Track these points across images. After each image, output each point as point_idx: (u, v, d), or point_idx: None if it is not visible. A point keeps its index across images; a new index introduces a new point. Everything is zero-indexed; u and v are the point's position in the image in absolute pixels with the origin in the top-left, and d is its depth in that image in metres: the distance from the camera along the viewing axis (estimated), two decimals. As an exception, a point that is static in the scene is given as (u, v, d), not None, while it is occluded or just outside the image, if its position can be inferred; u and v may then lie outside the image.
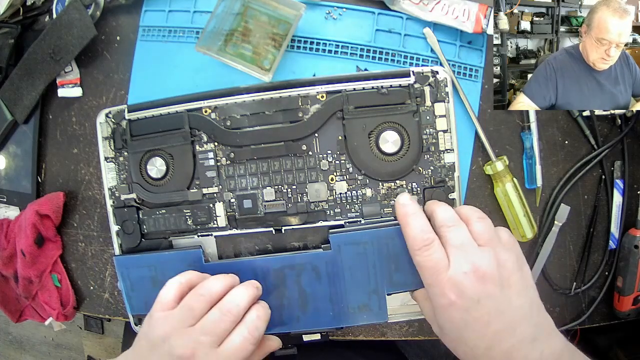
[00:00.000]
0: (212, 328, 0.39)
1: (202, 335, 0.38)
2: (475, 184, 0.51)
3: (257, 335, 0.40)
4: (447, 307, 0.38)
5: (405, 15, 0.50)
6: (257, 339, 0.40)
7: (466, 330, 0.37)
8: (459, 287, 0.37)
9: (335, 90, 0.47)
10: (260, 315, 0.41)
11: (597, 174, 0.52)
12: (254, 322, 0.40)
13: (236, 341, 0.39)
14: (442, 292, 0.38)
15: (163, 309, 0.41)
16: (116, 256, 0.50)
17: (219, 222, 0.50)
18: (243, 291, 0.42)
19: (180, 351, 0.38)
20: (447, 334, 0.39)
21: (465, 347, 0.38)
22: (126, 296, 0.50)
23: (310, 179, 0.48)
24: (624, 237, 0.52)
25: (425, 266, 0.39)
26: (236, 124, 0.48)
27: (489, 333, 0.37)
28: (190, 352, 0.38)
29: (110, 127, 0.51)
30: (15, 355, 1.59)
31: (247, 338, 0.39)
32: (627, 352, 0.75)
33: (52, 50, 0.52)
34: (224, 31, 0.50)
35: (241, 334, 0.39)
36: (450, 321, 0.38)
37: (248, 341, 0.39)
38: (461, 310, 0.37)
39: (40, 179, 0.58)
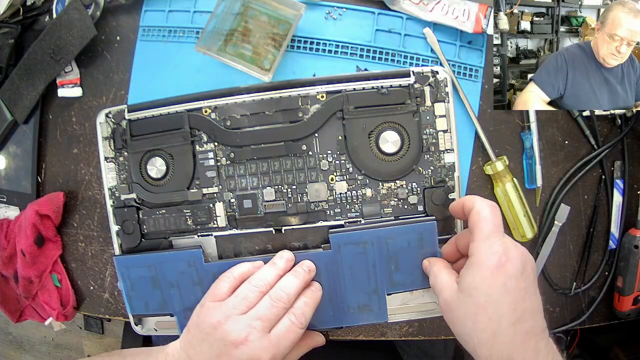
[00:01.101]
0: (264, 314, 0.41)
1: (254, 320, 0.41)
2: (475, 184, 0.51)
3: (304, 320, 0.43)
4: (495, 269, 0.36)
5: (405, 15, 0.50)
6: (303, 324, 0.43)
7: (502, 296, 0.36)
8: (510, 254, 0.37)
9: (335, 90, 0.47)
10: (308, 302, 0.44)
11: (597, 174, 0.52)
12: (301, 308, 0.43)
13: (285, 326, 0.42)
14: (495, 250, 0.37)
15: (215, 300, 0.43)
16: (116, 256, 0.50)
17: (219, 222, 0.50)
18: (292, 279, 0.44)
19: (234, 336, 0.40)
20: (476, 298, 0.37)
21: (492, 316, 0.36)
22: (126, 296, 0.50)
23: (310, 179, 0.48)
24: (624, 237, 0.52)
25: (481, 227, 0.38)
26: (236, 124, 0.48)
27: (521, 308, 0.36)
28: (244, 336, 0.40)
29: (110, 127, 0.51)
30: (15, 355, 1.59)
31: (294, 323, 0.42)
32: (627, 352, 0.75)
33: (52, 50, 0.52)
34: (224, 31, 0.50)
35: (289, 319, 0.42)
36: (490, 284, 0.36)
37: (295, 326, 0.42)
38: (506, 276, 0.36)
39: (40, 179, 0.58)
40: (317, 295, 0.45)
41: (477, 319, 0.36)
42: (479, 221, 0.38)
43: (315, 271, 0.46)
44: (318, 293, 0.46)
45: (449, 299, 0.39)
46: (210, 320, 0.41)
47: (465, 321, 0.37)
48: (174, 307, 0.49)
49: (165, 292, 0.49)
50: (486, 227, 0.38)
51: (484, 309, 0.36)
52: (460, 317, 0.38)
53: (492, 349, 0.36)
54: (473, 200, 0.40)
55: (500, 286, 0.36)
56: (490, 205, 0.39)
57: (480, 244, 0.38)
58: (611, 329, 0.57)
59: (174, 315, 0.49)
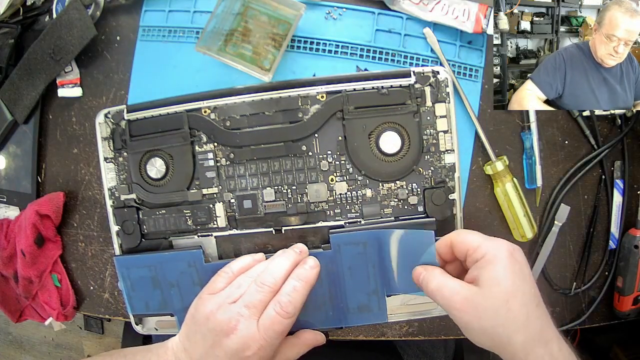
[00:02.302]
0: (250, 300, 0.40)
1: (242, 307, 0.39)
2: (475, 184, 0.51)
3: (291, 309, 0.40)
4: (510, 258, 0.38)
5: (405, 15, 0.50)
6: (290, 313, 0.40)
7: (523, 282, 0.38)
8: (510, 245, 0.39)
9: (335, 91, 0.47)
10: (298, 286, 0.41)
11: (597, 174, 0.52)
12: (289, 295, 0.40)
13: (269, 316, 0.40)
14: (500, 244, 0.39)
15: (210, 292, 0.42)
16: (116, 256, 0.50)
17: (219, 223, 0.50)
18: (279, 261, 0.42)
19: (224, 325, 0.39)
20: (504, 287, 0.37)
21: (522, 300, 0.37)
22: (126, 296, 0.50)
23: (310, 180, 0.48)
24: (624, 237, 0.52)
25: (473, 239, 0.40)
26: (236, 124, 0.48)
27: (537, 290, 0.38)
28: (233, 325, 0.39)
29: (110, 127, 0.51)
30: (15, 355, 1.59)
31: (279, 313, 0.39)
32: (627, 352, 0.75)
33: (52, 50, 0.52)
34: (224, 31, 0.50)
35: (274, 309, 0.40)
36: (512, 272, 0.37)
37: (280, 316, 0.39)
38: (520, 263, 0.38)
39: (40, 179, 0.58)
40: (310, 275, 0.42)
41: (510, 306, 0.37)
42: (466, 241, 0.40)
43: (306, 252, 0.44)
44: (311, 272, 0.42)
45: (470, 297, 0.38)
46: (204, 311, 0.41)
47: (497, 312, 0.37)
48: (174, 307, 0.49)
49: (165, 292, 0.49)
50: (477, 236, 0.40)
51: (513, 295, 0.37)
52: (490, 310, 0.37)
53: (526, 332, 0.37)
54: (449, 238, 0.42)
55: (520, 272, 0.38)
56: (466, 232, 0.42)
57: (485, 244, 0.39)
58: (611, 329, 0.57)
59: (174, 314, 0.49)
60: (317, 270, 0.43)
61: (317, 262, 0.43)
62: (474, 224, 0.51)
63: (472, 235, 0.40)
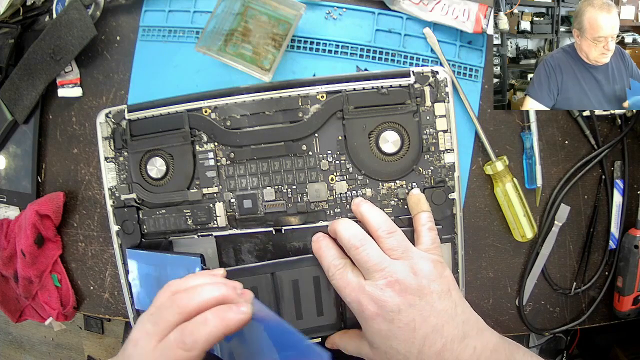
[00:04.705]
0: (158, 319, 0.36)
1: (148, 323, 0.37)
2: (475, 184, 0.51)
3: (190, 342, 0.34)
4: (372, 320, 0.40)
5: (405, 15, 0.50)
6: (186, 344, 0.34)
7: (395, 339, 0.39)
8: (379, 302, 0.39)
9: (335, 90, 0.47)
10: (208, 320, 0.35)
11: (597, 174, 0.52)
12: (195, 325, 0.35)
13: (166, 344, 0.35)
14: (364, 307, 0.40)
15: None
16: (129, 249, 0.50)
17: (219, 222, 0.50)
18: (205, 289, 0.37)
19: (133, 334, 0.37)
20: (379, 347, 0.40)
21: (398, 356, 0.39)
22: (134, 289, 0.50)
23: (310, 179, 0.48)
24: (624, 237, 0.52)
25: (342, 286, 0.42)
26: (236, 124, 0.48)
27: (418, 338, 0.39)
28: (137, 337, 0.36)
29: (110, 127, 0.51)
30: (15, 355, 1.59)
31: (177, 341, 0.34)
32: (627, 352, 0.75)
33: (52, 50, 0.52)
34: (224, 31, 0.50)
35: (174, 333, 0.35)
36: (379, 334, 0.40)
37: (177, 345, 0.34)
38: (386, 322, 0.39)
39: (40, 179, 0.58)
40: (233, 318, 0.35)
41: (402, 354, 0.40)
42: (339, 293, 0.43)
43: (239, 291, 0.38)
44: (236, 316, 0.35)
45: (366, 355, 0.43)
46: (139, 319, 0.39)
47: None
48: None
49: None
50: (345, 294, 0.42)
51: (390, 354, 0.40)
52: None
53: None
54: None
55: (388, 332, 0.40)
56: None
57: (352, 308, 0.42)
58: (611, 329, 0.57)
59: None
60: (244, 318, 0.36)
61: (250, 311, 0.36)
62: (473, 224, 0.51)
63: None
